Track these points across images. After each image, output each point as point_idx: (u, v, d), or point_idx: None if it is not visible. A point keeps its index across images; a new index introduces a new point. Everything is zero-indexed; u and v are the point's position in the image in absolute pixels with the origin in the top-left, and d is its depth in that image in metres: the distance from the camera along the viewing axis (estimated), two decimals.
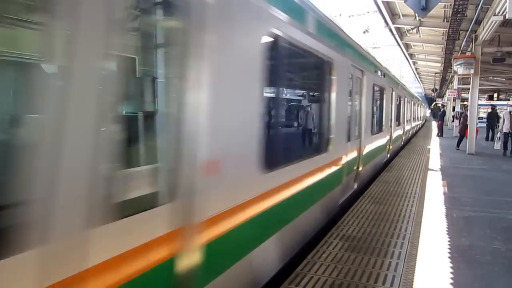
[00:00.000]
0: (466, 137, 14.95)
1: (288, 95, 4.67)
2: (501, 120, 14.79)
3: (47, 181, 1.56)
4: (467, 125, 14.96)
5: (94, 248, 1.78)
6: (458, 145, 16.05)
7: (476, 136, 14.80)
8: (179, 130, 2.33)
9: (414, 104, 24.60)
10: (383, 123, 10.97)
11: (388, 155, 12.55)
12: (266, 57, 3.32)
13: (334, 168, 5.68)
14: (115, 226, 1.87)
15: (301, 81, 4.62)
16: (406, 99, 18.15)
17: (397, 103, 14.41)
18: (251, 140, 3.19)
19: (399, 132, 15.44)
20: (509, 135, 14.01)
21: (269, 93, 3.68)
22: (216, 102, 2.64)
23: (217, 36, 2.61)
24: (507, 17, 8.87)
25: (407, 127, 19.54)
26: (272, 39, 3.46)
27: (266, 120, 3.50)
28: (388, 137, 12.00)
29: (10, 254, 1.44)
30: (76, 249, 1.70)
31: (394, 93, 13.06)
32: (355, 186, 7.53)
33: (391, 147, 12.85)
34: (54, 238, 1.59)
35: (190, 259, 2.43)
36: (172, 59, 2.41)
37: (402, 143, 17.40)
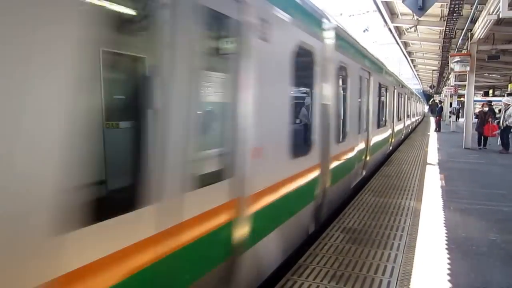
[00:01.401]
0: (485, 135, 14.42)
1: (310, 94, 5.15)
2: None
3: (160, 160, 2.14)
4: (485, 123, 14.40)
5: (187, 208, 2.36)
6: (479, 143, 14.75)
7: (492, 133, 14.30)
8: (236, 122, 2.94)
9: (413, 100, 24.85)
10: (386, 118, 11.57)
11: (391, 147, 13.05)
12: (295, 63, 3.93)
13: (348, 156, 6.51)
14: (198, 192, 2.46)
15: (321, 83, 5.03)
16: (406, 96, 18.50)
17: (398, 100, 14.83)
18: (284, 132, 3.82)
19: (400, 126, 15.89)
20: (503, 131, 14.08)
21: (296, 93, 4.40)
22: (261, 100, 3.23)
23: (261, 47, 3.21)
24: (501, 16, 9.02)
25: (407, 122, 19.95)
26: (299, 49, 4.08)
27: (294, 115, 4.09)
28: (390, 131, 12.53)
29: (137, 208, 1.99)
30: (177, 207, 2.28)
31: (395, 90, 13.54)
32: (363, 173, 8.16)
33: (393, 140, 13.36)
34: (164, 198, 2.15)
35: (242, 224, 3.01)
36: (233, 66, 2.97)
37: (403, 137, 17.82)
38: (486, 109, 14.95)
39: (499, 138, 14.19)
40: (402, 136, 17.57)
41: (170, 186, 2.22)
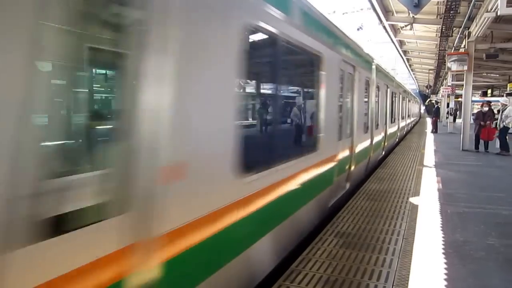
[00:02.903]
0: (483, 139, 13.84)
1: (269, 91, 4.23)
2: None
3: None
4: (483, 125, 13.76)
5: (16, 275, 1.46)
6: (476, 146, 14.28)
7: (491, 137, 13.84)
8: (132, 131, 1.99)
9: (408, 100, 24.63)
10: (378, 120, 10.73)
11: (383, 152, 12.43)
12: (242, 50, 3.01)
13: (324, 168, 5.41)
14: (49, 245, 1.58)
15: (285, 77, 4.14)
16: (400, 95, 18.10)
17: (392, 99, 14.30)
18: (225, 140, 2.86)
19: (393, 129, 15.32)
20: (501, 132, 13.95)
21: (246, 89, 3.51)
22: (181, 98, 2.32)
23: (181, 26, 2.31)
24: (499, 14, 8.93)
25: (402, 124, 19.47)
26: (249, 30, 3.15)
27: (242, 118, 3.18)
28: (382, 135, 11.80)
29: None
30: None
31: (388, 89, 12.90)
32: (347, 186, 7.28)
33: (385, 144, 12.71)
34: None
35: (145, 279, 2.08)
36: (130, 52, 2.05)
37: (397, 140, 17.33)
38: (486, 109, 14.29)
39: (497, 141, 14.02)
40: (397, 139, 17.04)
41: None
